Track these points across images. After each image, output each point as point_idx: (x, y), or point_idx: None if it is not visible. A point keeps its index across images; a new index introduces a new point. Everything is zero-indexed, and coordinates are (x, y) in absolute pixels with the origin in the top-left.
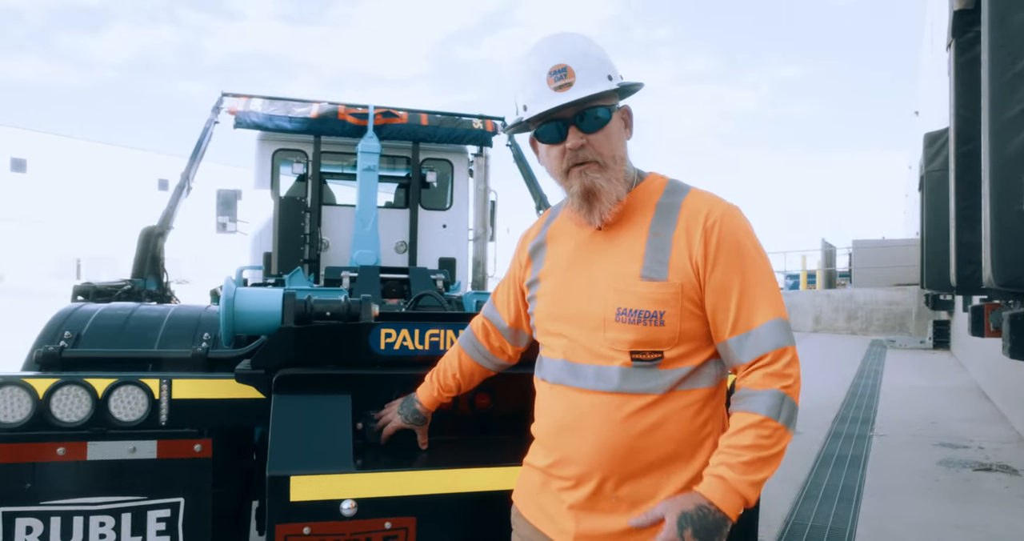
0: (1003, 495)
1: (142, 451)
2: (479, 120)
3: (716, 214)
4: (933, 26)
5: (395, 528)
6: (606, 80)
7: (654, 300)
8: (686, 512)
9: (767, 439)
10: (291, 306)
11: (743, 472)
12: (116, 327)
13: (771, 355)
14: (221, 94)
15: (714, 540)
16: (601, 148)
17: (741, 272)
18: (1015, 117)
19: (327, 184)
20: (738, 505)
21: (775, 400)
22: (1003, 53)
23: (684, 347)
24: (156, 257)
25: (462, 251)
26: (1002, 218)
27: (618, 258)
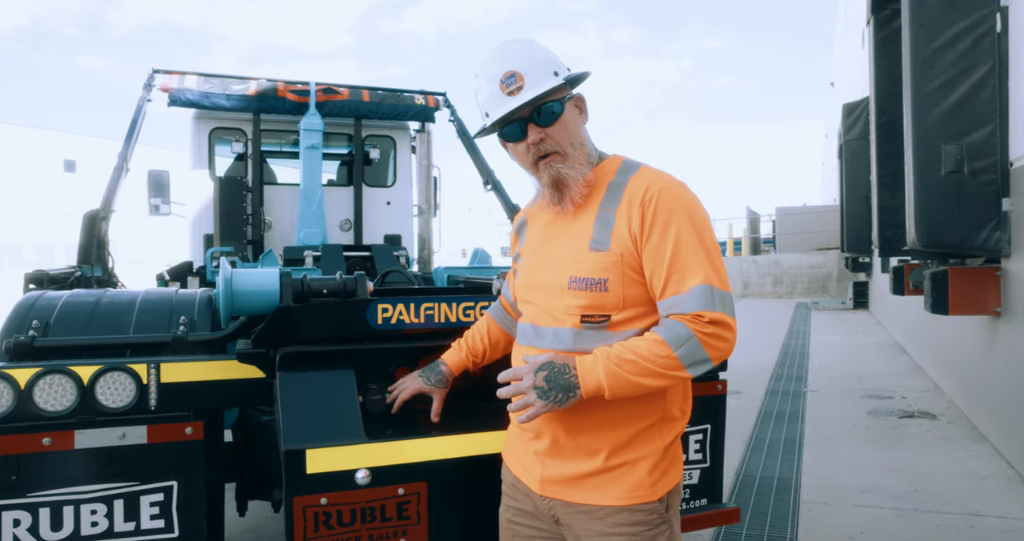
0: (926, 438)
1: (132, 437)
2: (421, 96)
3: (655, 189)
4: (847, 2)
5: (408, 494)
6: (552, 77)
7: (599, 268)
8: (553, 363)
9: (655, 356)
10: (288, 285)
11: (616, 362)
12: (85, 314)
13: (692, 314)
14: (152, 71)
15: (558, 396)
16: (560, 138)
17: (674, 241)
18: (934, 91)
19: (267, 163)
20: (592, 384)
21: (681, 333)
22: (922, 31)
23: (629, 311)
24: (101, 242)
25: (407, 228)
26: (924, 184)
27: (574, 234)
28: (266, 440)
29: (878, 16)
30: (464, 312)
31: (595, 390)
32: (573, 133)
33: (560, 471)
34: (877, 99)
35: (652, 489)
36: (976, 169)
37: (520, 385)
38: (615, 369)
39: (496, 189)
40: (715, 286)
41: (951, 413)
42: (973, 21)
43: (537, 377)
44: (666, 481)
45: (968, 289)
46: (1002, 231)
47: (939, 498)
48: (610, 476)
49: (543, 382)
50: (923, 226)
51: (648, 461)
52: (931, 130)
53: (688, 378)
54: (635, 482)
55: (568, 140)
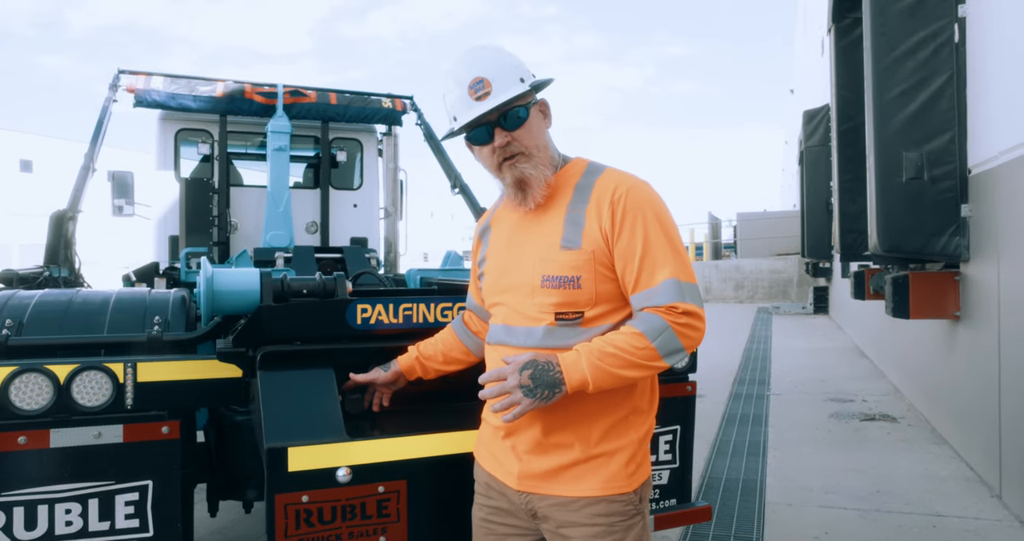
0: (887, 440)
1: (108, 436)
2: (388, 99)
3: (622, 189)
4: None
5: (388, 491)
6: (518, 83)
7: (571, 266)
8: (536, 361)
9: (634, 348)
10: (268, 285)
11: (598, 356)
12: (59, 313)
13: (665, 307)
14: (117, 71)
15: (544, 393)
16: (525, 141)
17: (643, 238)
18: (895, 98)
19: (233, 165)
20: (577, 379)
21: (657, 325)
22: (883, 40)
23: (602, 307)
24: (68, 242)
25: (373, 230)
26: (886, 190)
27: (543, 234)
28: (240, 440)
29: (839, 25)
30: (442, 313)
31: (580, 385)
32: (537, 136)
33: (538, 465)
34: (838, 106)
35: (628, 481)
36: (936, 176)
37: (505, 385)
38: (597, 363)
39: (464, 192)
40: (683, 279)
41: (911, 416)
42: (932, 31)
43: (522, 376)
44: (640, 474)
45: (928, 294)
46: (961, 237)
47: (901, 499)
48: (587, 467)
49: (528, 380)
50: (884, 231)
51: (624, 453)
52: (892, 137)
53: (665, 368)
54: (612, 473)
55: (533, 142)
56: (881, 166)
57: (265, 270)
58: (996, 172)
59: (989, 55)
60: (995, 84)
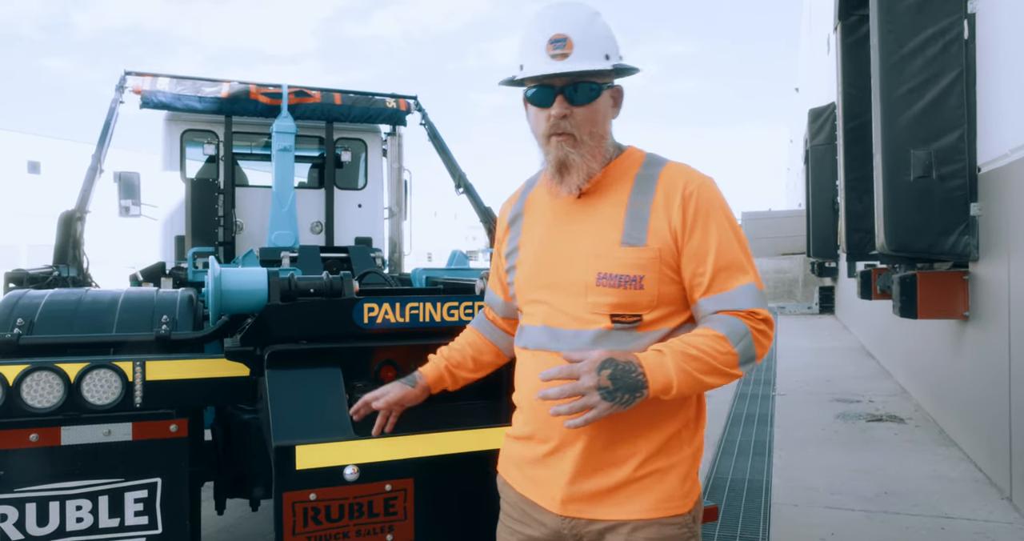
0: (893, 441)
1: (117, 434)
2: (392, 99)
3: (694, 184)
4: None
5: (395, 490)
6: (602, 59)
7: (634, 265)
8: (616, 360)
9: (717, 352)
10: (276, 284)
11: (682, 358)
12: (69, 312)
13: (746, 311)
14: (124, 73)
15: (624, 397)
16: (583, 122)
17: (718, 239)
18: (903, 96)
19: (239, 165)
20: (661, 382)
21: (739, 329)
22: (891, 38)
23: (662, 310)
24: (76, 242)
25: (378, 230)
26: (893, 189)
27: (598, 226)
28: (247, 438)
29: (845, 22)
30: (448, 312)
31: (663, 389)
32: (598, 123)
33: (586, 486)
34: (845, 104)
35: (683, 500)
36: (944, 174)
37: (579, 385)
38: (683, 366)
39: (468, 192)
40: (758, 286)
41: (918, 417)
42: (941, 27)
43: (601, 376)
44: (694, 492)
45: (936, 293)
46: (970, 236)
47: (908, 500)
48: (639, 486)
49: (608, 382)
50: (892, 230)
51: (680, 469)
52: (900, 135)
53: (740, 376)
54: (666, 492)
55: (590, 128)
56: (888, 164)
57: (272, 269)
58: (1007, 170)
59: (1000, 51)
60: (1006, 81)
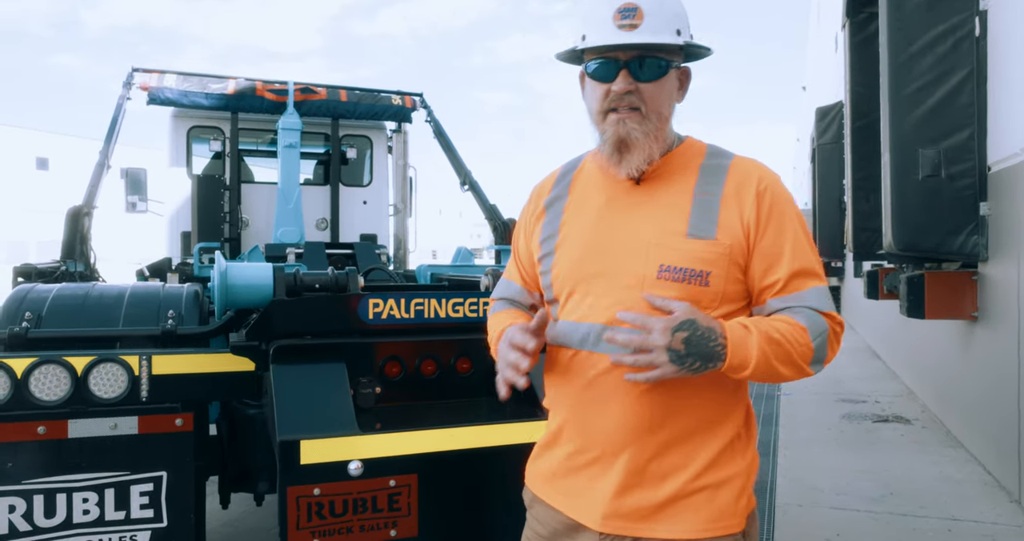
0: (900, 442)
1: (123, 427)
2: (398, 96)
3: (767, 181)
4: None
5: (399, 485)
6: (674, 34)
7: (701, 259)
8: (697, 323)
9: (798, 342)
10: (281, 279)
11: (766, 340)
12: (76, 307)
13: (824, 313)
14: (131, 69)
15: (695, 364)
16: (649, 100)
17: (793, 238)
18: (912, 94)
19: (244, 161)
20: (739, 360)
21: (820, 325)
22: (900, 36)
23: (724, 309)
24: (84, 237)
25: (382, 227)
26: (902, 188)
27: (660, 215)
28: (252, 433)
29: (854, 19)
30: (453, 308)
31: (739, 367)
32: (664, 102)
33: (631, 501)
34: (852, 103)
35: (737, 519)
36: (954, 173)
37: (648, 340)
38: (766, 348)
39: (473, 189)
40: (827, 288)
41: (925, 418)
42: (952, 25)
43: (675, 338)
44: (750, 507)
45: (945, 293)
46: (979, 235)
47: (915, 502)
48: (689, 502)
49: (681, 345)
50: (900, 230)
51: (735, 483)
52: (909, 134)
53: (808, 375)
54: (719, 510)
55: (656, 107)
56: (897, 163)
57: (278, 265)
58: (1017, 169)
59: (1012, 49)
60: (1018, 79)
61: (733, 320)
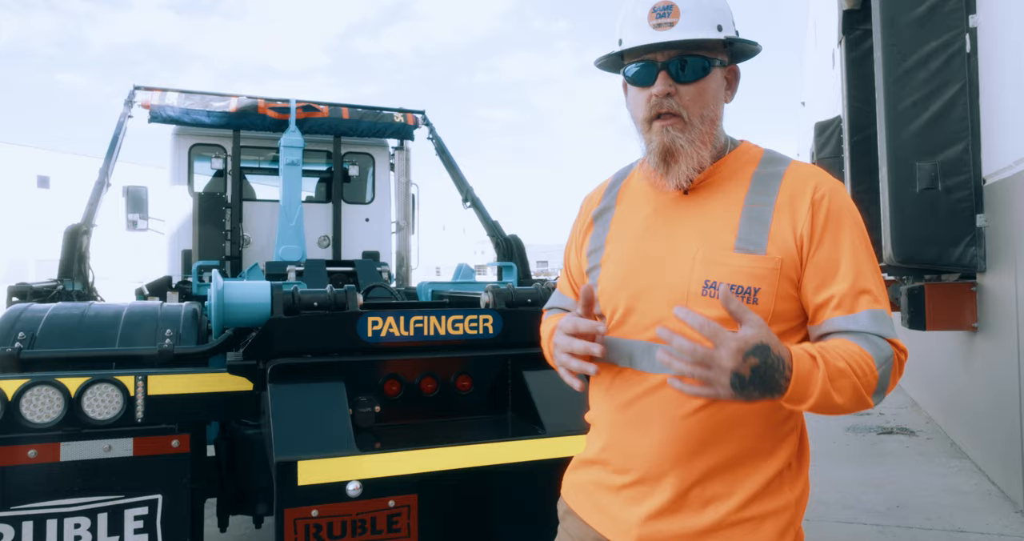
0: (905, 454)
1: (118, 449)
2: (400, 113)
3: (825, 188)
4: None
5: (398, 506)
6: (713, 30)
7: (749, 275)
8: (770, 349)
9: (863, 372)
10: (279, 297)
11: (832, 374)
12: (71, 326)
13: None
14: (133, 87)
15: (753, 393)
16: (690, 102)
17: (851, 253)
18: (907, 109)
19: (246, 179)
20: (801, 391)
21: (886, 353)
22: (894, 51)
23: (775, 329)
24: (82, 256)
25: (385, 244)
26: (899, 201)
27: (707, 227)
28: (251, 454)
29: (849, 36)
30: (453, 325)
31: (796, 401)
32: (708, 104)
33: (667, 526)
34: (850, 118)
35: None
36: (950, 186)
37: (714, 356)
38: (828, 386)
39: (475, 206)
40: (888, 311)
41: (930, 429)
42: (944, 41)
43: (745, 363)
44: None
45: (945, 305)
46: (977, 247)
47: (921, 514)
48: (728, 534)
49: (748, 372)
50: (899, 242)
51: (781, 518)
52: (905, 148)
53: (868, 407)
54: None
55: (699, 110)
56: (894, 177)
57: (276, 283)
58: (1011, 181)
59: (1002, 64)
60: (1009, 93)
61: (800, 348)
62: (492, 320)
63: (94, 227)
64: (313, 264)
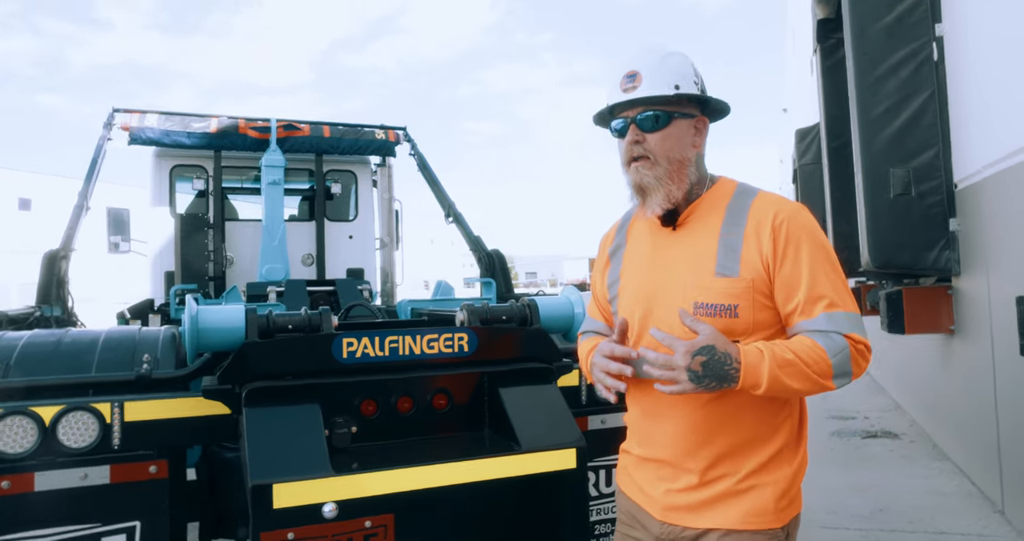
0: (888, 458)
1: (94, 477)
2: (381, 131)
3: (783, 214)
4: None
5: (375, 526)
6: (669, 88)
7: (728, 294)
8: (715, 349)
9: (812, 360)
10: (253, 321)
11: (779, 363)
12: (47, 353)
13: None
14: (112, 109)
15: (711, 383)
16: (655, 147)
17: (809, 267)
18: (879, 116)
19: (228, 199)
20: (751, 382)
21: (839, 343)
22: (866, 60)
23: (759, 335)
24: (61, 281)
25: (369, 261)
26: (874, 207)
27: (692, 256)
28: (231, 477)
29: (824, 45)
30: (428, 344)
31: (751, 387)
32: (674, 148)
33: (684, 497)
34: (827, 125)
35: (776, 516)
36: (923, 191)
37: (671, 360)
38: (777, 372)
39: (457, 221)
40: (852, 312)
41: (913, 432)
42: (912, 50)
43: (693, 361)
44: (791, 510)
45: (922, 308)
46: (951, 251)
47: (904, 517)
48: (735, 499)
49: (699, 367)
50: (875, 247)
51: (777, 487)
52: (878, 154)
53: (831, 389)
54: (760, 506)
55: (665, 153)
56: (869, 183)
57: (250, 306)
58: (980, 186)
59: (967, 72)
60: (975, 100)
61: (751, 344)
62: (467, 338)
63: (73, 251)
64: (294, 284)
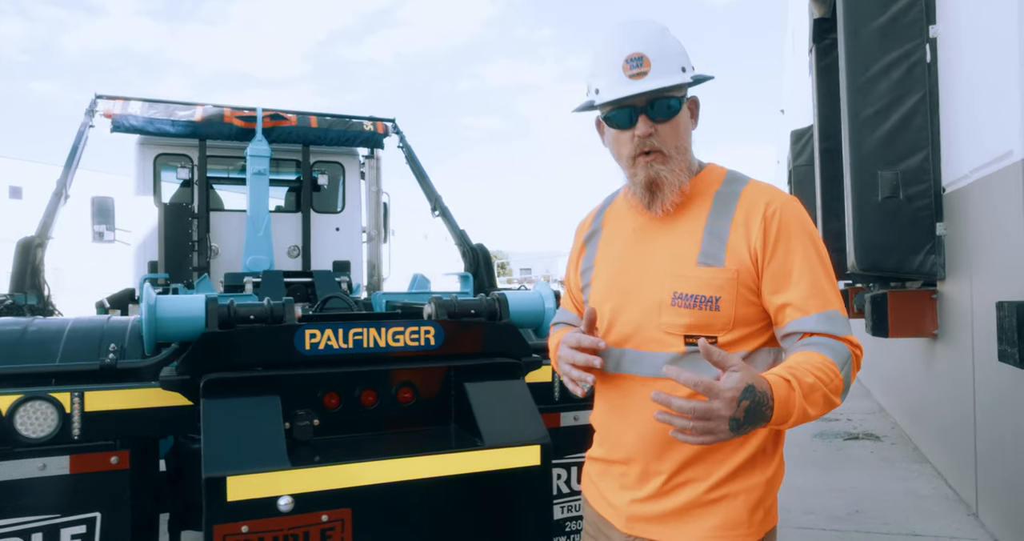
0: (869, 460)
1: (53, 467)
2: (369, 122)
3: (776, 204)
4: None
5: (332, 520)
6: (680, 72)
7: (710, 285)
8: (755, 390)
9: (830, 379)
10: (214, 311)
11: (807, 391)
12: (11, 342)
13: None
14: (95, 96)
15: (745, 429)
16: (668, 138)
17: (803, 261)
18: (869, 117)
19: (213, 189)
20: (780, 419)
21: (844, 354)
22: (857, 61)
23: (738, 332)
24: (36, 269)
25: (356, 253)
26: (862, 209)
27: (676, 244)
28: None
29: (819, 45)
30: (393, 337)
31: (776, 424)
32: (682, 135)
33: (649, 508)
34: (820, 125)
35: (750, 529)
36: (911, 194)
37: (713, 410)
38: (803, 403)
39: (443, 215)
40: (843, 312)
41: (895, 434)
42: (905, 51)
43: (739, 407)
44: (767, 522)
45: (906, 312)
46: (937, 255)
47: (879, 519)
48: (704, 511)
49: (743, 413)
50: (862, 250)
51: (751, 495)
52: (868, 156)
53: (837, 406)
54: (731, 519)
55: (675, 142)
56: (857, 185)
57: (211, 295)
58: (967, 190)
59: (959, 74)
60: (965, 104)
61: (775, 374)
62: (434, 331)
63: (50, 239)
64: (270, 275)
